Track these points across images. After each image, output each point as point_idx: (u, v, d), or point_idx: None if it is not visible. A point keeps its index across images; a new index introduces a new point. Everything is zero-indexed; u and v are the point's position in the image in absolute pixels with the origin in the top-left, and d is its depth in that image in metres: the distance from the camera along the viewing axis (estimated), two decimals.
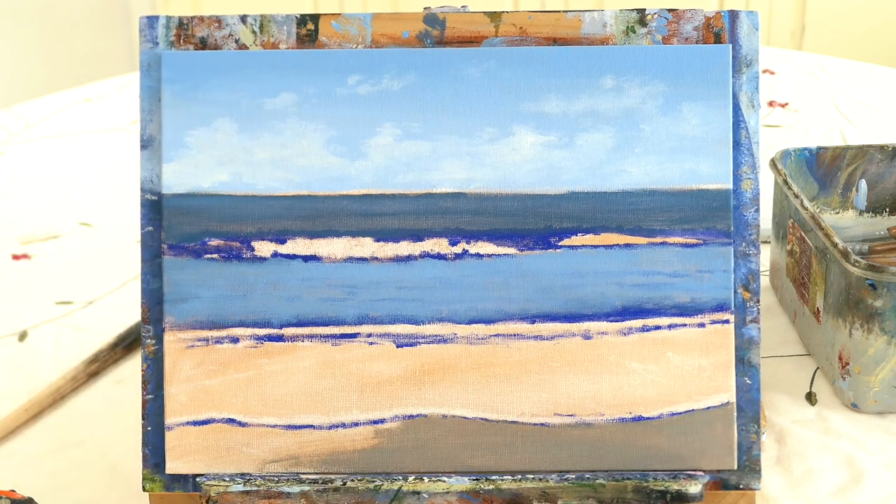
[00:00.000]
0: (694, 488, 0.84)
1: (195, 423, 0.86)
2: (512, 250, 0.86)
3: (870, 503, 0.91)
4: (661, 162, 0.86)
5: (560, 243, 0.86)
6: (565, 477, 0.85)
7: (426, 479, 0.86)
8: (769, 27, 2.58)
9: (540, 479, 0.85)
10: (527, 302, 0.86)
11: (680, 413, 0.86)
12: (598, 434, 0.86)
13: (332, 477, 0.86)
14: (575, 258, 0.86)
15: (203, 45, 0.87)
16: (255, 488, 0.85)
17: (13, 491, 0.88)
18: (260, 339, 0.87)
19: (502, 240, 0.86)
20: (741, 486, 0.86)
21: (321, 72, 0.87)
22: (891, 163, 1.16)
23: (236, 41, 0.88)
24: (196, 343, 0.87)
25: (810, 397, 1.02)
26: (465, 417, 0.86)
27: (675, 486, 0.84)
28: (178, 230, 0.87)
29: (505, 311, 0.86)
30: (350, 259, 0.87)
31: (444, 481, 0.86)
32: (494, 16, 0.87)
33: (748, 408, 0.86)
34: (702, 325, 0.86)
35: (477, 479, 0.86)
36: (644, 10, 0.87)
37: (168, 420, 0.86)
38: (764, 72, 1.68)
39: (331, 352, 0.86)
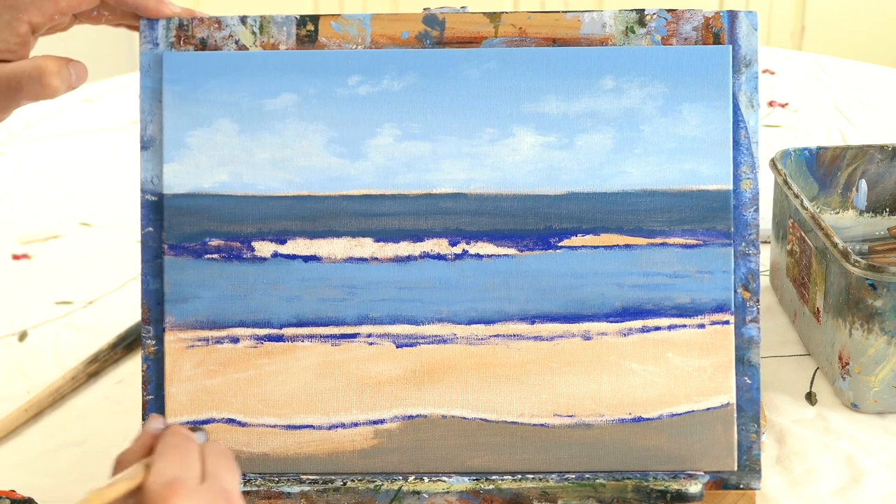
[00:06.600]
0: (694, 488, 0.84)
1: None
2: (512, 251, 0.86)
3: (870, 503, 0.91)
4: (660, 163, 0.86)
5: (560, 244, 0.86)
6: (565, 477, 0.85)
7: (426, 479, 0.86)
8: (769, 27, 2.57)
9: (540, 479, 0.85)
10: (526, 302, 0.86)
11: (680, 414, 0.86)
12: (597, 435, 0.86)
13: (332, 477, 0.86)
14: (575, 259, 0.86)
15: (203, 45, 0.87)
16: (256, 488, 0.86)
17: (13, 491, 0.88)
18: (260, 339, 0.87)
19: (502, 240, 0.86)
20: (741, 486, 0.86)
21: (321, 72, 0.87)
22: (891, 163, 1.16)
23: (236, 42, 0.88)
24: (196, 343, 0.87)
25: (810, 397, 1.02)
26: (464, 418, 0.86)
27: (675, 486, 0.84)
28: (178, 230, 0.87)
29: (505, 311, 0.86)
30: (350, 259, 0.87)
31: (444, 481, 0.86)
32: (494, 16, 0.87)
33: (748, 407, 0.86)
34: (702, 325, 0.86)
35: (477, 479, 0.86)
36: (643, 10, 0.87)
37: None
38: (764, 72, 1.67)
39: (331, 352, 0.86)
